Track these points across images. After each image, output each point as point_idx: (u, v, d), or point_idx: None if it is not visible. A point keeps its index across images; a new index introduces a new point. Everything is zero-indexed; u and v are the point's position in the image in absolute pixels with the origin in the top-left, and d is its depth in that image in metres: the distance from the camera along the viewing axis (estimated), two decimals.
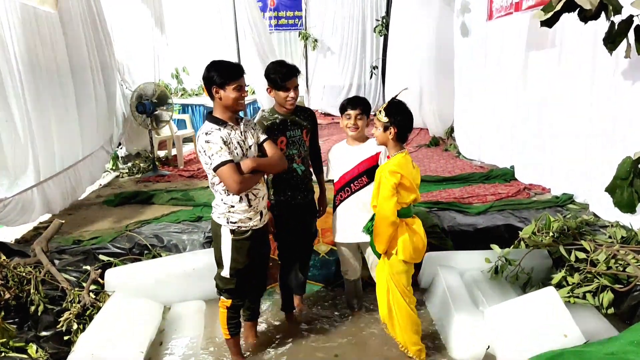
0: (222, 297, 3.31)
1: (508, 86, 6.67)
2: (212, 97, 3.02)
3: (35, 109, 4.95)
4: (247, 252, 3.15)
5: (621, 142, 4.44)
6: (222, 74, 2.93)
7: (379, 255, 3.32)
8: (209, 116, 3.06)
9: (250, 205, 3.09)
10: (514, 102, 6.58)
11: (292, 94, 3.40)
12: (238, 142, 3.02)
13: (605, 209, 4.60)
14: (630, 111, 4.45)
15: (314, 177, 3.85)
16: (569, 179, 5.46)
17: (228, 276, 3.19)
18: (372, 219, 3.27)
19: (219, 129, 2.97)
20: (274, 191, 3.63)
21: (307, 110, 3.71)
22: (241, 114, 3.25)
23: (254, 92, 10.52)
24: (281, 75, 3.36)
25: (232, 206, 3.08)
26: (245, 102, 3.01)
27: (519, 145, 6.52)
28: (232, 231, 3.11)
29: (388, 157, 3.30)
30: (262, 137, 3.20)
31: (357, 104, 3.53)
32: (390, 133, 3.17)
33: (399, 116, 3.15)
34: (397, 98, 3.24)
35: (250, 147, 3.09)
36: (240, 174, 2.93)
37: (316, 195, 3.90)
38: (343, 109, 3.56)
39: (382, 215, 3.08)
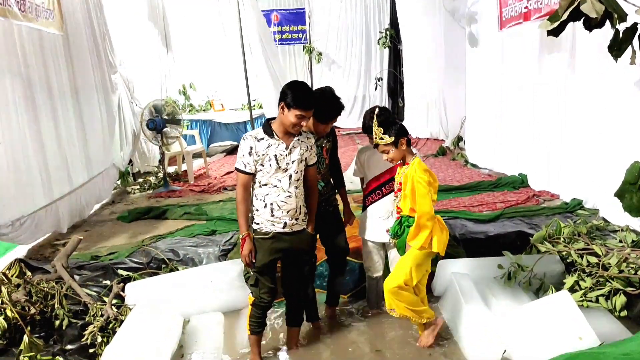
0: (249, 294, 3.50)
1: (518, 95, 6.76)
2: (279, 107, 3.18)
3: (47, 130, 5.12)
4: (267, 252, 3.30)
5: (630, 147, 4.50)
6: (295, 98, 3.09)
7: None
8: (266, 122, 3.28)
9: (272, 215, 3.25)
10: (523, 110, 6.66)
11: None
12: (275, 155, 3.17)
13: (614, 213, 4.65)
14: (638, 116, 4.53)
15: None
16: (578, 185, 5.52)
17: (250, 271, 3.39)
18: (399, 222, 3.42)
19: (256, 139, 3.17)
20: None
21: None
22: None
23: (261, 107, 10.56)
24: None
25: (257, 210, 3.29)
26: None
27: (528, 153, 6.59)
28: (255, 230, 3.31)
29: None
30: (313, 160, 3.37)
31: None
32: (402, 145, 3.28)
33: (394, 125, 3.30)
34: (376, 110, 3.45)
35: (293, 161, 3.23)
36: (247, 189, 3.24)
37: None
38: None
39: (423, 211, 3.20)
